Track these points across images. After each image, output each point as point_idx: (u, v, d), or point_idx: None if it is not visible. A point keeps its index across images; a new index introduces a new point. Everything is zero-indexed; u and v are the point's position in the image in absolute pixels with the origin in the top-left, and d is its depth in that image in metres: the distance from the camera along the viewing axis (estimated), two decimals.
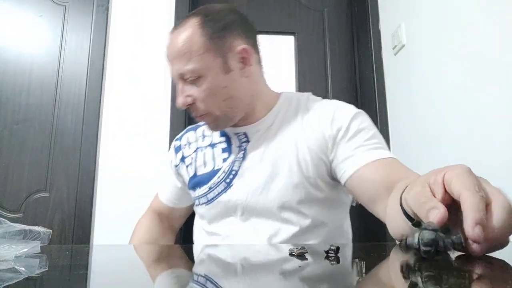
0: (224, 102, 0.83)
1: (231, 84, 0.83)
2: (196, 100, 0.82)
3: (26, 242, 0.53)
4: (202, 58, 0.80)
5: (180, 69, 0.81)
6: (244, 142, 0.89)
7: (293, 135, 0.85)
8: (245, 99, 0.86)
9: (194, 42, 0.80)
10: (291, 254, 0.48)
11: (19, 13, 1.93)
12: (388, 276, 0.39)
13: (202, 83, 0.81)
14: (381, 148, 0.80)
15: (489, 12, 1.22)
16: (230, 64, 0.83)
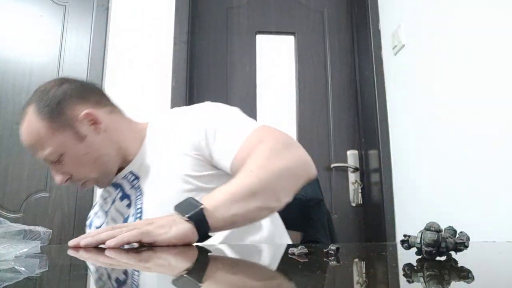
0: (95, 164, 0.87)
1: (91, 147, 0.87)
2: (70, 174, 0.87)
3: (26, 242, 0.53)
4: (53, 140, 0.84)
5: (41, 156, 0.85)
6: (134, 180, 0.91)
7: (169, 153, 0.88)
8: (112, 150, 0.90)
9: (39, 130, 0.84)
10: (291, 254, 0.48)
11: (19, 13, 1.93)
12: (389, 276, 0.39)
13: (66, 159, 0.85)
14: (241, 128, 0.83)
15: (489, 12, 1.22)
16: (82, 131, 0.86)
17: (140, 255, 0.55)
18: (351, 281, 0.37)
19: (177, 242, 0.64)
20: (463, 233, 0.44)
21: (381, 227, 1.82)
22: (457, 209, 1.32)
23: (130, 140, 0.93)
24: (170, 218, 0.66)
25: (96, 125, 0.88)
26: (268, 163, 0.75)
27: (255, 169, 0.74)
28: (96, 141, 0.87)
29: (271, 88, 2.12)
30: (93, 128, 0.88)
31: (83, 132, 0.86)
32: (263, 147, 0.78)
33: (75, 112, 0.87)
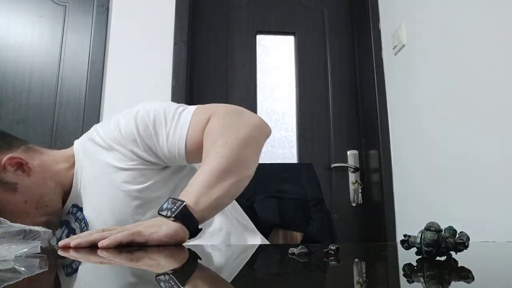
0: (38, 209, 0.81)
1: (28, 193, 0.79)
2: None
3: (26, 242, 0.53)
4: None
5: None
6: (78, 211, 0.86)
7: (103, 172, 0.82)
8: (50, 188, 0.83)
9: None
10: (291, 254, 0.48)
11: (19, 13, 1.93)
12: (389, 276, 0.39)
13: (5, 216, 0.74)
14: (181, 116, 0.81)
15: (489, 12, 1.22)
16: (10, 180, 0.78)
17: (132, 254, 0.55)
18: (351, 281, 0.37)
19: (169, 240, 0.63)
20: (463, 233, 0.44)
21: (381, 227, 1.82)
22: (457, 209, 1.32)
23: (61, 171, 0.86)
24: (157, 220, 0.65)
25: (23, 167, 0.80)
26: (227, 138, 0.75)
27: (218, 148, 0.73)
28: (30, 185, 0.80)
29: (271, 88, 2.12)
30: (21, 172, 0.80)
31: (12, 181, 0.78)
32: (216, 125, 0.77)
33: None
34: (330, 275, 0.40)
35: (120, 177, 0.80)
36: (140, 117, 0.81)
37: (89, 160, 0.85)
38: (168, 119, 0.81)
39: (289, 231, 1.02)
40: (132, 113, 0.83)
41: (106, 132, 0.85)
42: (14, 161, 0.80)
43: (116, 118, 0.86)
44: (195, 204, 0.67)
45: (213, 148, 0.74)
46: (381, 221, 1.81)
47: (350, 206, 2.00)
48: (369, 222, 1.95)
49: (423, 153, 1.57)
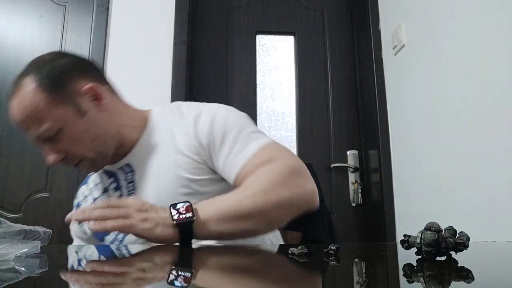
0: (92, 143, 0.82)
1: (91, 124, 0.82)
2: (66, 152, 0.81)
3: (26, 242, 0.53)
4: (52, 113, 0.78)
5: (36, 133, 0.78)
6: (129, 173, 0.88)
7: (169, 149, 0.85)
8: (111, 131, 0.85)
9: (38, 103, 0.77)
10: (291, 254, 0.48)
11: (19, 13, 1.93)
12: (389, 276, 0.39)
13: (64, 135, 0.79)
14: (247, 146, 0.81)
15: (489, 12, 1.22)
16: (83, 106, 0.81)
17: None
18: (351, 281, 0.37)
19: (156, 242, 0.66)
20: (463, 233, 0.44)
21: (381, 227, 1.82)
22: (457, 209, 1.32)
23: (129, 126, 0.88)
24: (160, 215, 0.67)
25: (98, 101, 0.83)
26: (271, 189, 0.73)
27: (257, 193, 0.72)
28: (96, 118, 0.82)
29: (271, 88, 2.12)
30: (95, 104, 0.83)
31: (84, 107, 0.81)
32: (270, 170, 0.76)
33: (77, 86, 0.81)
34: (330, 275, 0.40)
35: (180, 160, 0.82)
36: (217, 120, 0.84)
37: (160, 132, 0.88)
38: (238, 138, 0.82)
39: (289, 231, 1.02)
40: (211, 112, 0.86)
41: (185, 117, 0.87)
42: (94, 91, 0.83)
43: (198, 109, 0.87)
44: (201, 224, 0.67)
45: (252, 188, 0.73)
46: (381, 221, 1.81)
47: (350, 206, 2.00)
48: (369, 222, 1.95)
49: (423, 153, 1.57)
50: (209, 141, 0.82)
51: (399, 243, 0.48)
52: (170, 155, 0.84)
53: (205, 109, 0.87)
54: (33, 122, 0.78)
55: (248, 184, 0.75)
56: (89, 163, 0.85)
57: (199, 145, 0.83)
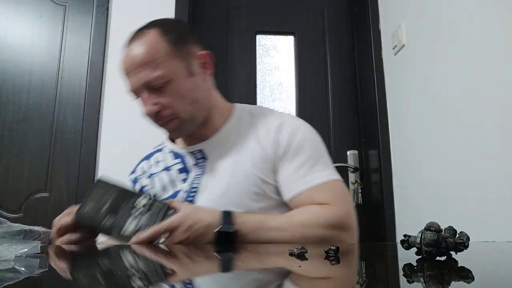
0: (190, 105, 0.86)
1: (195, 87, 0.86)
2: (164, 106, 0.84)
3: (26, 242, 0.53)
4: (168, 63, 0.82)
5: (147, 77, 0.82)
6: (200, 159, 0.90)
7: (248, 147, 0.88)
8: (206, 103, 0.90)
9: (159, 49, 0.82)
10: (291, 254, 0.48)
11: (19, 13, 1.93)
12: (389, 276, 0.39)
13: (169, 87, 0.83)
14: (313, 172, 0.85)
15: (489, 12, 1.22)
16: (193, 68, 0.86)
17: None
18: (351, 281, 0.37)
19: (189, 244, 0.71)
20: (463, 233, 0.44)
21: (381, 227, 1.82)
22: (457, 209, 1.32)
23: (218, 111, 0.93)
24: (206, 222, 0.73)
25: (205, 69, 0.89)
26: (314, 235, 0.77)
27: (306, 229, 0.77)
28: (200, 84, 0.88)
29: (271, 88, 2.12)
30: (202, 72, 0.88)
31: (194, 70, 0.87)
32: (322, 215, 0.79)
33: (194, 48, 0.88)
34: (330, 275, 0.40)
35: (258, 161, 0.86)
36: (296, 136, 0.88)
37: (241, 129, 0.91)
38: (308, 162, 0.86)
39: None
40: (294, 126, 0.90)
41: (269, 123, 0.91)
42: (205, 59, 0.89)
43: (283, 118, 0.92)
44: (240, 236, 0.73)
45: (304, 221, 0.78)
46: (381, 221, 1.81)
47: None
48: (369, 222, 1.95)
49: (423, 153, 1.57)
50: (283, 152, 0.86)
51: (399, 243, 0.48)
52: (249, 154, 0.87)
53: (289, 120, 0.92)
54: (149, 66, 0.81)
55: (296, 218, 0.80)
56: (179, 124, 0.87)
57: (273, 153, 0.86)
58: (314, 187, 0.82)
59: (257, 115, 0.94)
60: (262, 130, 0.89)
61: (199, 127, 0.90)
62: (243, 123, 0.93)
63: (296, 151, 0.86)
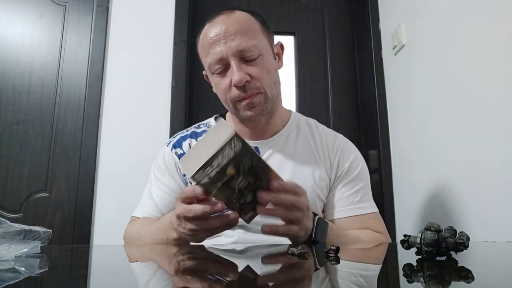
0: (274, 85, 0.89)
1: (276, 69, 0.91)
2: (253, 78, 0.85)
3: (26, 242, 0.53)
4: (261, 38, 0.87)
5: (243, 44, 0.83)
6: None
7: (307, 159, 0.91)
8: (279, 93, 0.93)
9: (254, 24, 0.87)
10: (292, 254, 0.48)
11: (19, 13, 1.93)
12: (389, 276, 0.39)
13: (261, 61, 0.85)
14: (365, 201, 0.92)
15: (489, 12, 1.22)
16: (275, 52, 0.92)
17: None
18: (351, 281, 0.37)
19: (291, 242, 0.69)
20: (463, 233, 0.44)
21: None
22: (457, 209, 1.32)
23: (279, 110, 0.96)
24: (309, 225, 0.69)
25: (279, 60, 0.93)
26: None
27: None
28: (277, 69, 0.92)
29: None
30: (277, 60, 0.92)
31: (275, 54, 0.92)
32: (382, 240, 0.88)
33: (273, 37, 0.92)
34: (330, 275, 0.40)
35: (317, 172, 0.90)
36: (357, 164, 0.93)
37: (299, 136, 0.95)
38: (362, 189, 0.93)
39: None
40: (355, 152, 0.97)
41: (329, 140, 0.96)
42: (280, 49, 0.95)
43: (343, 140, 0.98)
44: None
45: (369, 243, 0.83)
46: None
47: None
48: None
49: (423, 153, 1.57)
50: (343, 174, 0.91)
51: (399, 243, 0.48)
52: (308, 163, 0.90)
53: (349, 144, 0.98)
54: (245, 34, 0.84)
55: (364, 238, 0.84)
56: (263, 99, 0.88)
57: (333, 173, 0.91)
58: (367, 215, 0.90)
59: (314, 127, 0.98)
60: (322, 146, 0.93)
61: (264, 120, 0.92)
62: (301, 131, 0.96)
63: (355, 177, 0.91)
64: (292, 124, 0.96)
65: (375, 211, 0.93)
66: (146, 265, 0.50)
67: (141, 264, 0.51)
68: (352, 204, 0.90)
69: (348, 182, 0.90)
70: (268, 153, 0.91)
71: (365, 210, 0.90)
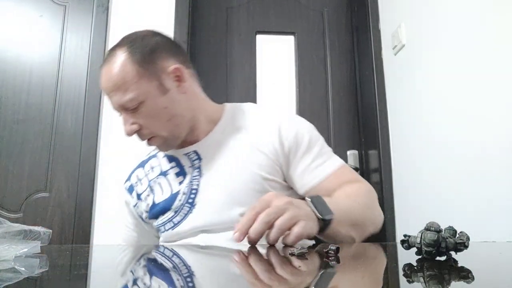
0: (168, 122, 0.86)
1: (170, 103, 0.85)
2: (142, 126, 0.85)
3: (26, 242, 0.53)
4: (138, 85, 0.82)
5: (120, 101, 0.83)
6: (195, 160, 0.90)
7: (245, 144, 0.88)
8: (187, 114, 0.89)
9: (127, 72, 0.82)
10: (291, 254, 0.48)
11: (19, 13, 1.93)
12: (389, 276, 0.39)
13: (144, 108, 0.83)
14: (329, 159, 0.88)
15: (489, 12, 1.22)
16: (166, 84, 0.85)
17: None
18: (351, 281, 0.37)
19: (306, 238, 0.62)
20: (463, 233, 0.44)
21: (381, 227, 1.81)
22: (457, 209, 1.32)
23: (204, 115, 0.92)
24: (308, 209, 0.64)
25: (181, 83, 0.87)
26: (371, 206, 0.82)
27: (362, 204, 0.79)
28: (176, 99, 0.86)
29: (271, 88, 2.12)
30: (177, 85, 0.86)
31: (167, 86, 0.85)
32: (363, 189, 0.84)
33: (165, 64, 0.85)
34: (330, 275, 0.40)
35: (256, 157, 0.86)
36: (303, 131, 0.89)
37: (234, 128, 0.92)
38: (321, 153, 0.88)
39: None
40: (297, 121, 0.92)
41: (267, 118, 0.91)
42: (178, 72, 0.87)
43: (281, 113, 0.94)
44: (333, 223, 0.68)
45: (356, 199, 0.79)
46: None
47: None
48: None
49: (423, 153, 1.57)
50: (293, 147, 0.87)
51: (399, 243, 0.48)
52: (246, 152, 0.87)
53: (288, 115, 0.95)
54: (120, 90, 0.82)
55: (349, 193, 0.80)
56: (161, 141, 0.87)
57: (280, 147, 0.87)
58: (333, 172, 0.85)
59: (251, 112, 0.94)
60: (259, 128, 0.89)
61: (188, 135, 0.90)
62: (236, 121, 0.93)
63: (307, 144, 0.87)
64: (225, 118, 0.93)
65: (342, 163, 0.89)
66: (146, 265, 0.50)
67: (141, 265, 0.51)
68: (320, 166, 0.86)
69: (304, 152, 0.87)
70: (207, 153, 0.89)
71: (334, 165, 0.86)
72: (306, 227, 0.60)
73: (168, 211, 0.89)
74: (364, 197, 0.82)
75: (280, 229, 0.58)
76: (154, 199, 0.92)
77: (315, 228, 0.64)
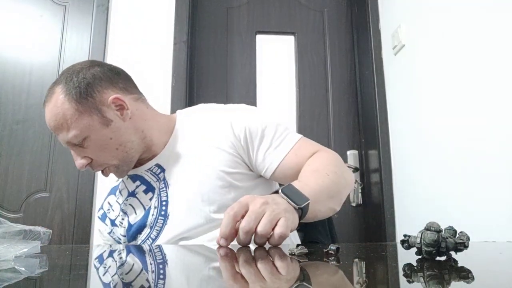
0: (117, 150, 0.86)
1: (116, 133, 0.86)
2: (92, 158, 0.86)
3: (26, 242, 0.53)
4: (79, 122, 0.82)
5: (65, 138, 0.83)
6: (160, 173, 0.91)
7: (203, 145, 0.89)
8: (136, 139, 0.89)
9: (66, 110, 0.82)
10: (291, 254, 0.48)
11: (19, 13, 1.93)
12: (389, 276, 0.39)
13: (90, 143, 0.84)
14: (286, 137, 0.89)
15: (489, 12, 1.22)
16: (108, 116, 0.85)
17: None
18: (351, 281, 0.37)
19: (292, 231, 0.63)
20: (463, 233, 0.44)
21: (381, 227, 1.82)
22: (457, 209, 1.32)
23: (156, 130, 0.93)
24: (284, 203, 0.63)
25: (123, 110, 0.87)
26: (339, 172, 0.81)
27: (331, 174, 0.78)
28: (121, 127, 0.86)
29: (271, 88, 2.12)
30: (119, 114, 0.86)
31: (109, 117, 0.85)
32: (327, 158, 0.84)
33: (103, 96, 0.85)
34: (330, 275, 0.40)
35: (215, 154, 0.87)
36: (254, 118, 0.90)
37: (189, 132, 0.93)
38: (276, 133, 0.89)
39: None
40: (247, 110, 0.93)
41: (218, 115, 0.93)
42: (117, 102, 0.86)
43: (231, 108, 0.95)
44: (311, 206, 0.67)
45: (324, 170, 0.79)
46: (381, 221, 1.81)
47: (350, 206, 2.00)
48: (369, 222, 1.95)
49: (423, 153, 1.57)
50: (248, 138, 0.88)
51: (399, 243, 0.48)
52: (205, 152, 0.88)
53: (239, 107, 0.95)
54: (63, 129, 0.83)
55: (316, 167, 0.80)
56: (114, 170, 0.89)
57: (236, 141, 0.87)
58: (293, 148, 0.86)
59: (202, 113, 0.95)
60: (213, 127, 0.90)
61: (145, 153, 0.91)
62: (186, 126, 0.94)
63: (261, 130, 0.88)
64: (180, 126, 0.94)
65: (299, 137, 0.89)
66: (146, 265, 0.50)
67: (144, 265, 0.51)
68: (278, 147, 0.87)
69: (260, 140, 0.87)
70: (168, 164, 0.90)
71: (291, 142, 0.87)
72: (288, 223, 0.60)
73: (144, 228, 0.90)
74: (331, 165, 0.81)
75: (263, 234, 0.59)
76: (129, 221, 0.92)
77: (296, 219, 0.64)
